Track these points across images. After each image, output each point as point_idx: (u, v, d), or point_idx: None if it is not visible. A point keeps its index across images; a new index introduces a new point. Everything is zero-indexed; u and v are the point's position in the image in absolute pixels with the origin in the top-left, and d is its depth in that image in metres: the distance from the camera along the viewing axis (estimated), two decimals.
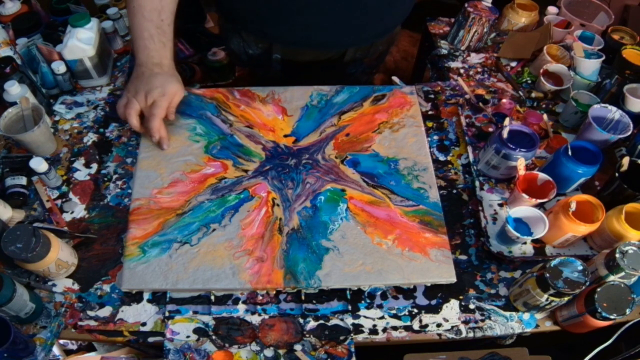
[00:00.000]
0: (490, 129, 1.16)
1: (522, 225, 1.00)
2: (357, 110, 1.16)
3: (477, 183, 1.07)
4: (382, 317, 0.92)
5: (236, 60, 1.38)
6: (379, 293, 0.95)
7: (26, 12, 1.29)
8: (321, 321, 0.90)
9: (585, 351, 0.87)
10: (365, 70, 1.36)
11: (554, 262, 0.82)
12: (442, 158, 1.15)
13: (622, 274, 0.84)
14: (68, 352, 1.29)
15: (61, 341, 1.28)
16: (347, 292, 0.94)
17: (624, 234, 0.90)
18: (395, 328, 0.91)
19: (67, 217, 1.02)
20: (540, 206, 1.01)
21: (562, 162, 0.99)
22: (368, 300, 0.94)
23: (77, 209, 1.03)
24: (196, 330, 0.89)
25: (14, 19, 1.26)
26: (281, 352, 0.87)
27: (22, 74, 1.10)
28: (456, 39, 1.38)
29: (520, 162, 0.99)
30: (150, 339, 0.89)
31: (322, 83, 1.20)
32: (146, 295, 0.93)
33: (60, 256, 0.89)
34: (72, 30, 1.17)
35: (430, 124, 1.20)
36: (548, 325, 0.93)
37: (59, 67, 1.17)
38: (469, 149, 1.13)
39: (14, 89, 1.05)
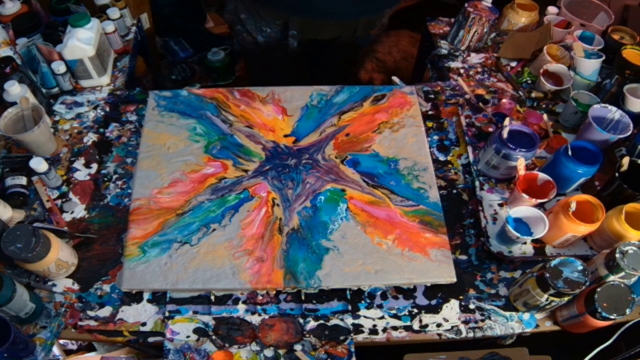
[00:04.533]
0: (490, 129, 1.16)
1: (522, 225, 1.00)
2: (357, 110, 1.16)
3: (477, 183, 1.07)
4: (382, 317, 0.92)
5: (249, 45, 1.37)
6: (379, 293, 0.95)
7: (26, 12, 1.29)
8: (321, 321, 0.90)
9: (585, 351, 0.87)
10: (370, 41, 1.39)
11: (554, 262, 0.82)
12: (442, 158, 1.15)
13: (622, 274, 0.84)
14: (68, 352, 1.29)
15: (61, 341, 1.28)
16: (347, 292, 0.94)
17: (624, 234, 0.90)
18: (395, 328, 0.91)
19: (67, 217, 1.02)
20: (540, 206, 1.01)
21: (562, 162, 0.99)
22: (368, 300, 0.94)
23: (77, 209, 1.03)
24: (196, 330, 0.89)
25: (14, 19, 1.26)
26: (281, 352, 0.87)
27: (22, 74, 1.10)
28: (456, 39, 1.38)
29: (520, 162, 0.99)
30: (150, 339, 0.89)
31: (333, 57, 1.21)
32: (146, 295, 0.93)
33: (60, 256, 0.89)
34: (72, 30, 1.17)
35: (430, 124, 1.20)
36: (548, 325, 0.93)
37: (59, 67, 1.17)
38: (469, 149, 1.13)
39: (14, 89, 1.05)
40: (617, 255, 0.84)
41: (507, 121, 1.03)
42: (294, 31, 1.21)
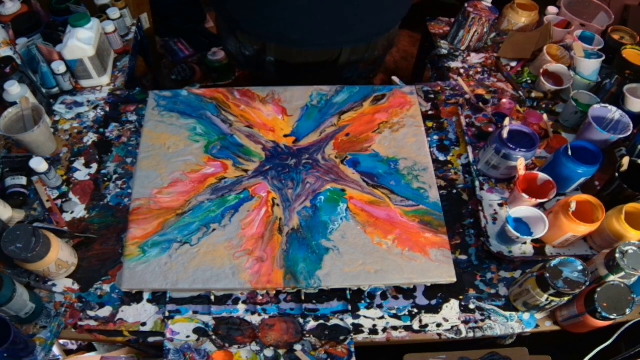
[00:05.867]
0: (490, 129, 1.16)
1: (522, 225, 1.00)
2: (357, 110, 1.16)
3: (477, 183, 1.07)
4: (382, 317, 0.92)
5: (234, 61, 1.37)
6: (379, 293, 0.95)
7: (26, 12, 1.29)
8: (321, 321, 0.90)
9: (585, 351, 0.87)
10: (361, 75, 1.33)
11: (554, 262, 0.82)
12: (442, 158, 1.15)
13: (622, 274, 0.84)
14: (68, 352, 1.29)
15: (61, 341, 1.28)
16: (347, 292, 0.94)
17: (624, 234, 0.90)
18: (395, 328, 0.91)
19: (67, 217, 1.02)
20: (540, 206, 1.01)
21: (562, 162, 0.99)
22: (368, 300, 0.94)
23: (77, 209, 1.03)
24: (196, 330, 0.89)
25: (14, 19, 1.26)
26: (281, 352, 0.87)
27: (22, 74, 1.10)
28: (456, 39, 1.38)
29: (520, 162, 0.99)
30: (150, 339, 0.89)
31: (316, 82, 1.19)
32: (146, 295, 0.93)
33: (60, 256, 0.89)
34: (72, 30, 1.17)
35: (430, 124, 1.20)
36: (548, 325, 0.93)
37: (59, 67, 1.17)
38: (469, 149, 1.13)
39: (14, 89, 1.05)
40: (617, 255, 0.84)
41: (507, 121, 1.03)
42: (271, 57, 1.19)
